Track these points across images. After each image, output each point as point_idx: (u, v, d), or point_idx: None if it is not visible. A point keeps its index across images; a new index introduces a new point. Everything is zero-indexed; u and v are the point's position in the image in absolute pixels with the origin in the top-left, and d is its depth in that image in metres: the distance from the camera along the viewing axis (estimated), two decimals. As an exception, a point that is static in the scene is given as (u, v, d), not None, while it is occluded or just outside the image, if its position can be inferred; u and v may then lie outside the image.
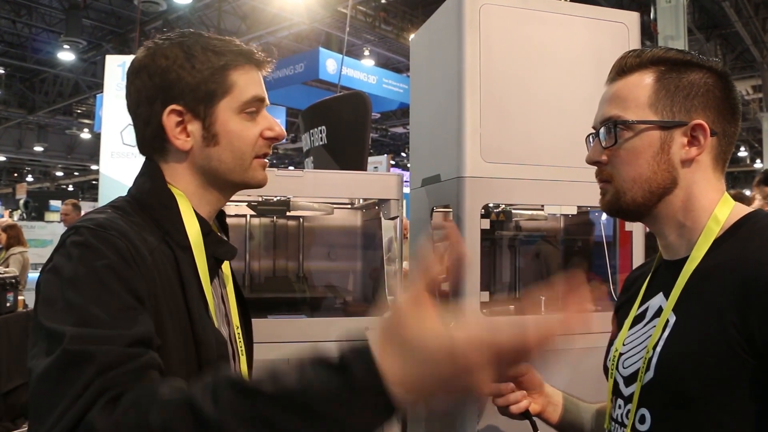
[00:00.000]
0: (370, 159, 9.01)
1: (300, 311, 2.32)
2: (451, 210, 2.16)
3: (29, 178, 33.51)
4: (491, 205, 2.36)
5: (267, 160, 1.20)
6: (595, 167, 1.17)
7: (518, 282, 2.73)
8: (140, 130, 1.15)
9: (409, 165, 3.03)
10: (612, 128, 1.11)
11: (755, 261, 0.96)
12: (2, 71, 18.71)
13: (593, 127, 1.18)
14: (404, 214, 3.22)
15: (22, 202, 16.58)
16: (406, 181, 3.06)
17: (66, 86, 19.66)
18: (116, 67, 8.83)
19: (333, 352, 0.77)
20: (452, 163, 2.12)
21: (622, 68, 1.14)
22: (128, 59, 9.08)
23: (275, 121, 1.17)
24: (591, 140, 1.20)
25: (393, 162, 15.21)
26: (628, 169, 1.11)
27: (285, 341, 2.09)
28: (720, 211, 1.08)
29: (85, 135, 24.89)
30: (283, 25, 13.99)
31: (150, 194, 1.12)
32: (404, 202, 2.40)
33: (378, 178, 2.33)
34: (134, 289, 0.94)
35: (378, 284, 2.60)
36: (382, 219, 2.40)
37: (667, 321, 1.06)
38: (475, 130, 2.07)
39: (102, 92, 9.49)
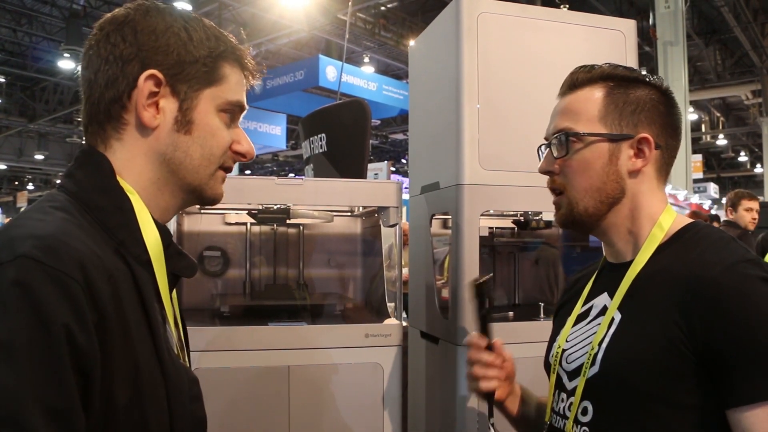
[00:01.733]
0: (371, 166, 9.02)
1: (300, 318, 2.33)
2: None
3: (30, 187, 33.54)
4: (530, 212, 2.36)
5: (226, 176, 1.05)
6: (548, 177, 1.23)
7: (517, 288, 2.74)
8: (96, 91, 0.93)
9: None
10: (564, 140, 1.17)
11: (698, 265, 1.03)
12: (3, 80, 18.76)
13: (545, 139, 1.24)
14: (404, 219, 3.23)
15: (22, 210, 16.61)
16: (406, 188, 3.07)
17: (66, 94, 19.71)
18: (117, 76, 8.84)
19: None
20: (451, 171, 2.13)
21: (574, 83, 1.21)
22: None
23: (247, 137, 1.04)
24: (542, 151, 1.26)
25: (393, 168, 15.22)
26: (579, 180, 1.16)
27: (286, 348, 2.10)
28: (664, 219, 1.15)
29: (86, 143, 24.92)
30: (283, 32, 14.05)
31: (98, 192, 0.91)
32: (404, 208, 2.41)
33: (377, 185, 2.34)
34: (85, 364, 0.73)
35: (378, 291, 2.62)
36: (382, 226, 2.42)
37: (613, 319, 1.12)
38: (473, 137, 2.08)
39: (103, 100, 9.51)
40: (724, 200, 6.75)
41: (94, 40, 0.95)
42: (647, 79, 1.19)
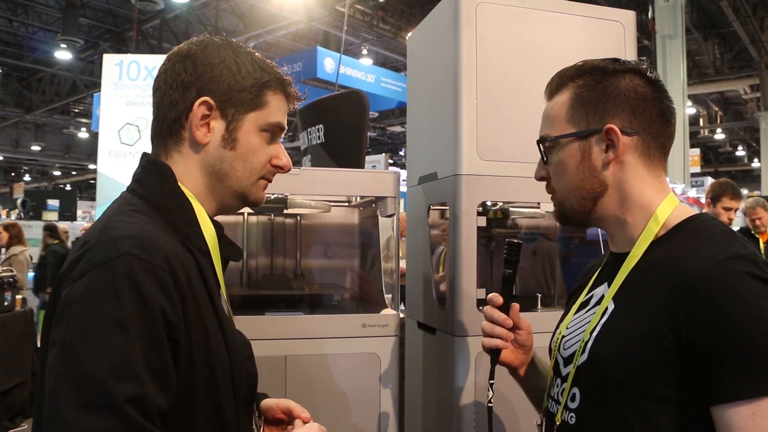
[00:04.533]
0: (368, 158, 9.01)
1: (298, 308, 2.33)
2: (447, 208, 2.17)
3: (27, 178, 33.48)
4: (489, 203, 2.36)
5: (268, 184, 1.23)
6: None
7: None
8: (162, 111, 1.14)
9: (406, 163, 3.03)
10: (542, 147, 1.23)
11: (690, 259, 1.03)
12: (-1, 70, 18.69)
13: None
14: (402, 210, 3.22)
15: (19, 201, 16.56)
16: (403, 180, 3.07)
17: (63, 85, 19.64)
18: (114, 66, 8.81)
19: None
20: (449, 161, 2.13)
21: (551, 90, 1.25)
22: (126, 58, 9.07)
23: (285, 152, 1.22)
24: None
25: (391, 161, 15.22)
26: (560, 181, 1.21)
27: (283, 338, 2.10)
28: (661, 211, 1.14)
29: (83, 134, 24.88)
30: (281, 24, 14.00)
31: (165, 196, 1.10)
32: (401, 200, 2.41)
33: (375, 175, 2.33)
34: (175, 335, 0.94)
35: (375, 281, 2.61)
36: (380, 217, 2.41)
37: (606, 308, 1.14)
38: (471, 128, 2.08)
39: (99, 91, 9.47)
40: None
41: (163, 69, 1.15)
42: (618, 67, 1.18)
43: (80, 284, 0.91)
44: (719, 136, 24.08)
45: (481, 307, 2.08)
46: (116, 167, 8.32)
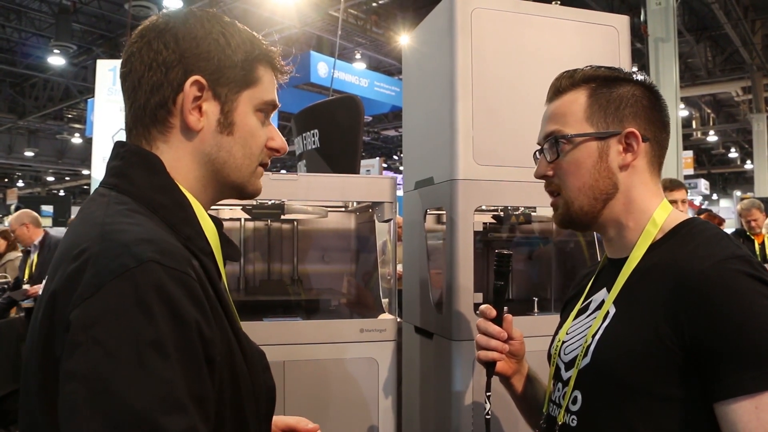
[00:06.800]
0: (363, 162, 9.00)
1: (295, 314, 2.33)
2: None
3: (20, 184, 33.34)
4: (510, 208, 2.37)
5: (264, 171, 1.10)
6: (544, 181, 1.27)
7: (511, 283, 2.74)
8: (141, 97, 0.98)
9: (401, 168, 3.04)
10: (554, 143, 1.22)
11: (688, 262, 1.06)
12: (-8, 76, 18.63)
13: (538, 144, 1.28)
14: (399, 214, 3.22)
15: (12, 207, 16.48)
16: (399, 184, 3.08)
17: (57, 91, 19.58)
18: (107, 72, 8.80)
19: None
20: (445, 166, 2.13)
21: (558, 89, 1.25)
22: (119, 63, 9.08)
23: (279, 133, 1.10)
24: (537, 157, 1.30)
25: (385, 165, 15.20)
26: (572, 180, 1.21)
27: (280, 344, 2.10)
28: (658, 215, 1.18)
29: (77, 140, 24.81)
30: (275, 28, 13.99)
31: (157, 191, 0.95)
32: (397, 205, 2.41)
33: (372, 181, 2.33)
34: (211, 353, 0.82)
35: (372, 287, 2.62)
36: (376, 222, 2.42)
37: (608, 312, 1.16)
38: (467, 132, 2.08)
39: (93, 97, 9.45)
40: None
41: (135, 48, 0.99)
42: (629, 77, 1.22)
43: (95, 302, 0.75)
44: (712, 138, 24.19)
45: (478, 312, 2.09)
46: (110, 173, 8.28)
